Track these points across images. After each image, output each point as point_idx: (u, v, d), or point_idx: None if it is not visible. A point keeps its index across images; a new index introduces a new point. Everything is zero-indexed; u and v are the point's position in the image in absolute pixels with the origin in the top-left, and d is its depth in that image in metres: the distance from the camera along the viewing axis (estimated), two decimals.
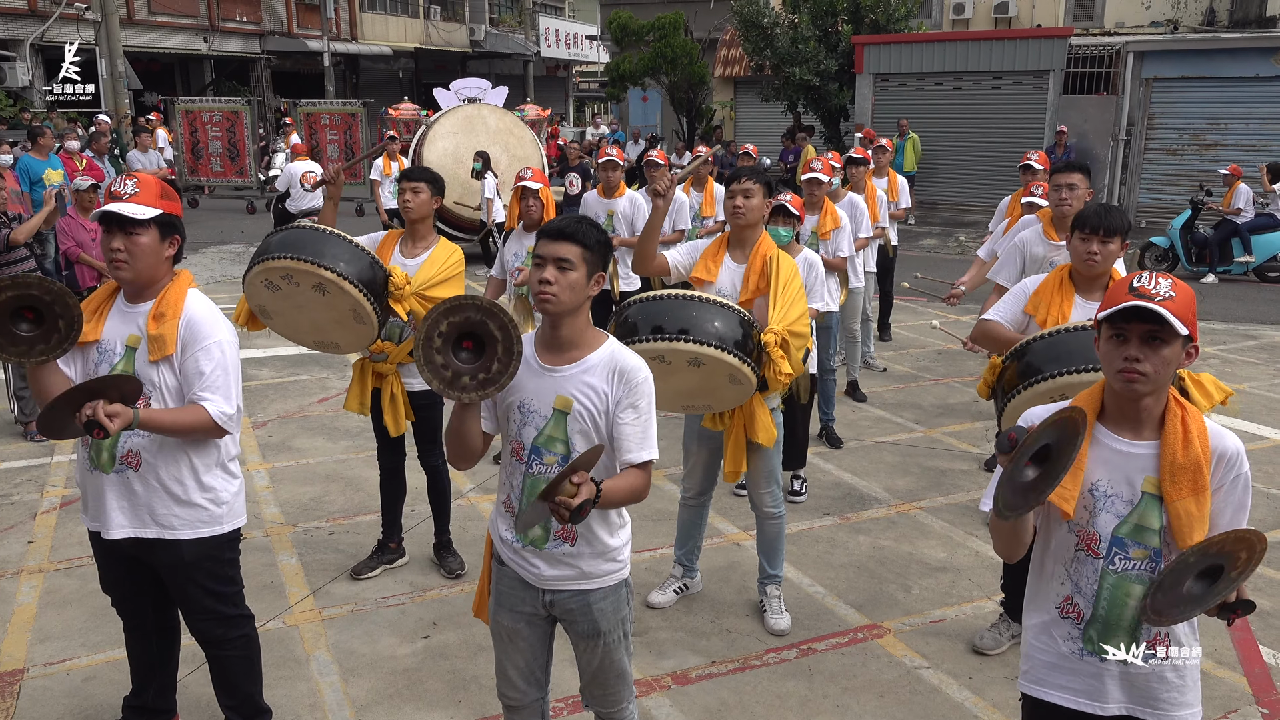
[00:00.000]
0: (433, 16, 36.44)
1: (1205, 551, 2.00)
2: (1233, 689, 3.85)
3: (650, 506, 5.52)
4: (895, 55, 18.87)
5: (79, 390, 2.69)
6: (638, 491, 2.58)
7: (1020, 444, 2.05)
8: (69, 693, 3.78)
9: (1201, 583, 2.03)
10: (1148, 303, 2.08)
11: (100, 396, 2.68)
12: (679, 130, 23.97)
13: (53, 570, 4.76)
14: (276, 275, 3.87)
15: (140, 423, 2.76)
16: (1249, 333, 10.14)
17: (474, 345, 2.44)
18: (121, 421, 2.68)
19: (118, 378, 2.78)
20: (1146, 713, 2.28)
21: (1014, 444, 2.05)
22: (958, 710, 3.73)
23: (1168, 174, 17.01)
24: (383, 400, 4.45)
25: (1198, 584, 2.03)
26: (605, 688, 2.81)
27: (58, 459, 6.21)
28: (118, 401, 2.71)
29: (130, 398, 2.76)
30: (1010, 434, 2.06)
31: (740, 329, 3.62)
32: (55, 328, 2.78)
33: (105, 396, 2.69)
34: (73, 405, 2.68)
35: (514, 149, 13.25)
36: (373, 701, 3.74)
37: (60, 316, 2.78)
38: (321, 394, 7.67)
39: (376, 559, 4.77)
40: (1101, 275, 3.76)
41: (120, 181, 2.89)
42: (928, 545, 5.15)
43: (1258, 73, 16.05)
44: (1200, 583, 2.03)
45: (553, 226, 2.57)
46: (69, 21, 22.47)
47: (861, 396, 7.59)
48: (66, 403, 2.69)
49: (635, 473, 2.58)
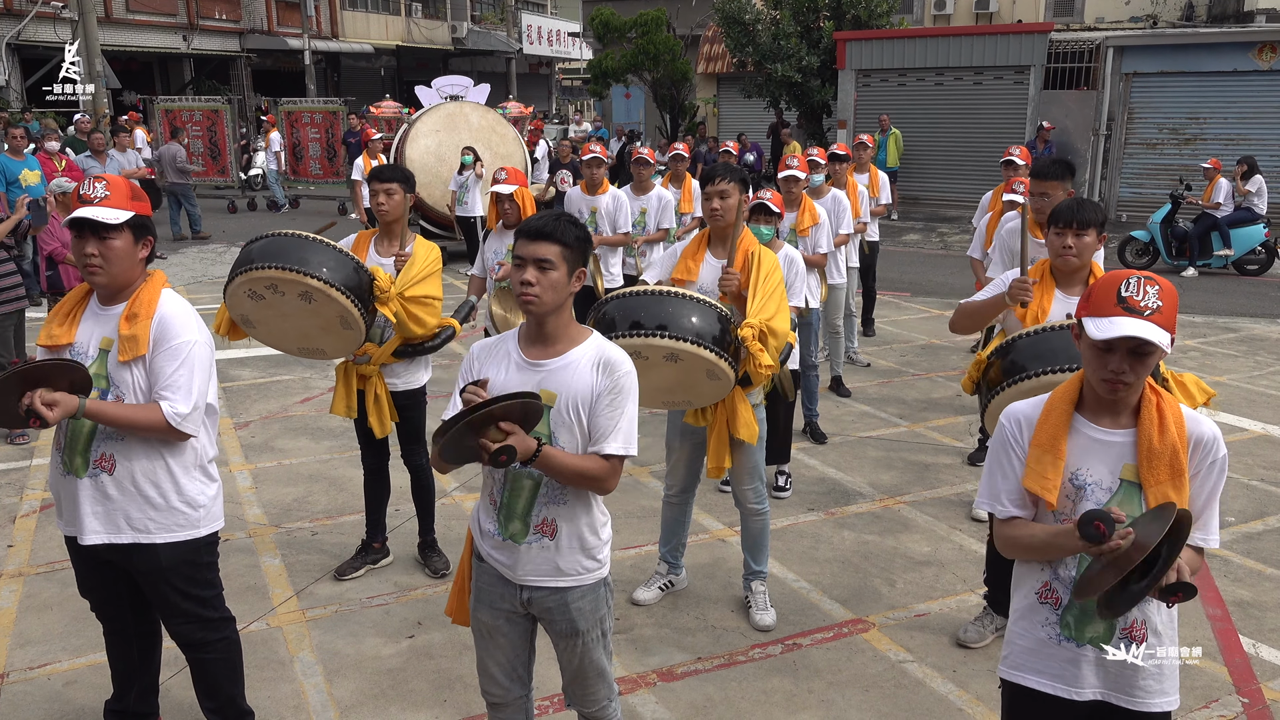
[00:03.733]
0: (414, 14, 36.29)
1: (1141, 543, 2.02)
2: (1213, 679, 3.88)
3: (634, 504, 5.52)
4: (877, 51, 18.92)
5: (25, 374, 2.63)
6: (591, 476, 2.54)
7: (1112, 535, 2.01)
8: (50, 697, 3.74)
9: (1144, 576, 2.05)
10: (1138, 322, 2.10)
11: (46, 384, 2.63)
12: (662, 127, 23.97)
13: (32, 574, 4.72)
14: (261, 285, 3.84)
15: (86, 412, 2.71)
16: (1228, 325, 10.22)
17: None
18: (61, 411, 2.63)
19: (67, 364, 2.72)
20: (1122, 699, 2.30)
21: (1103, 534, 2.02)
22: (942, 703, 3.74)
23: (1148, 168, 17.12)
24: (367, 402, 4.43)
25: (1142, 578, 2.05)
26: (585, 687, 2.81)
27: (37, 462, 6.16)
28: (64, 390, 2.65)
29: (80, 386, 2.72)
30: (1098, 522, 2.02)
31: (718, 324, 3.62)
32: None
33: (52, 384, 2.64)
34: (17, 392, 2.62)
35: (496, 146, 13.22)
36: (357, 702, 3.73)
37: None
38: (304, 394, 7.63)
39: (360, 559, 4.75)
40: (1081, 269, 3.77)
41: (89, 185, 2.85)
42: (912, 540, 5.16)
43: (1236, 67, 16.16)
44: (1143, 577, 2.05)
45: (531, 226, 2.55)
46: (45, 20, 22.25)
47: (845, 391, 7.61)
48: (14, 385, 2.62)
49: (595, 459, 2.55)
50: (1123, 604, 2.09)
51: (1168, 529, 1.98)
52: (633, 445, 2.59)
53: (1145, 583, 2.03)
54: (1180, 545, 2.01)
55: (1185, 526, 2.02)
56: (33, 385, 2.62)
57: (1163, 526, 1.98)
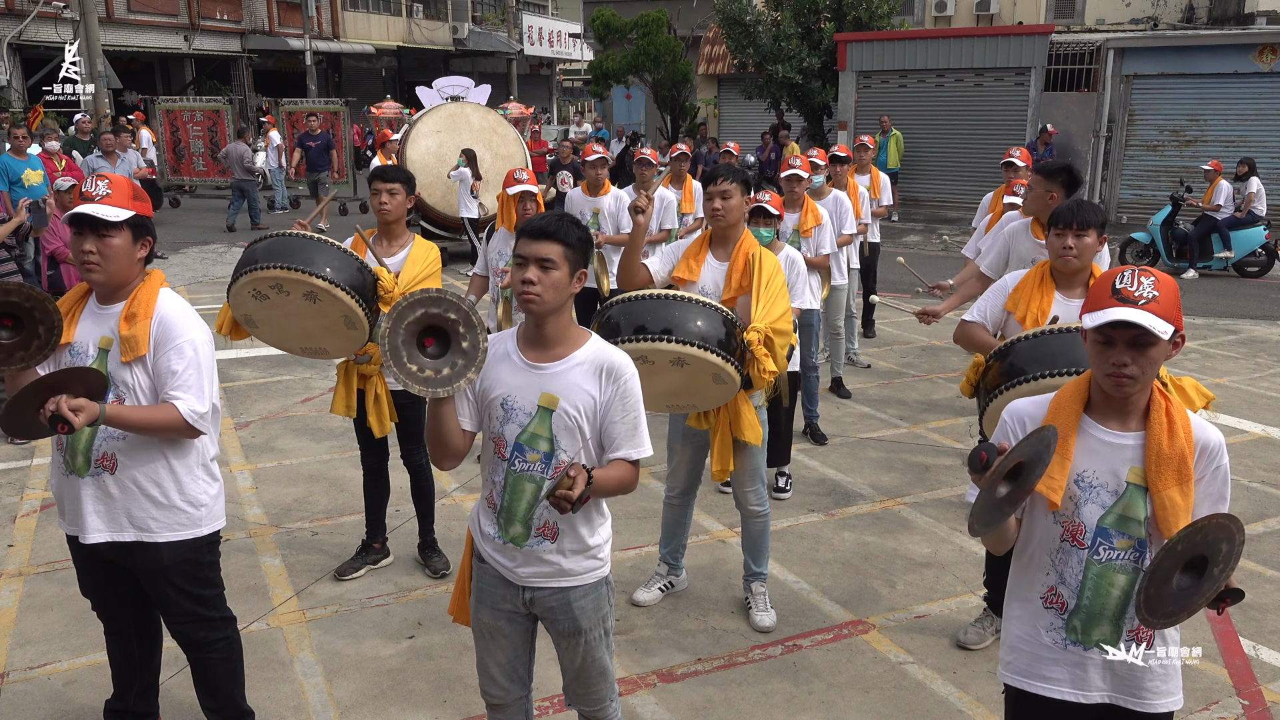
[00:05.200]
0: (415, 14, 36.30)
1: (1190, 538, 2.00)
2: (1214, 681, 3.88)
3: (635, 505, 5.52)
4: (878, 53, 18.93)
5: (41, 385, 2.63)
6: (626, 484, 2.62)
7: (993, 463, 2.06)
8: (50, 697, 3.75)
9: (1189, 576, 2.02)
10: (1131, 310, 2.08)
11: (63, 391, 2.63)
12: (663, 128, 23.97)
13: (33, 574, 4.72)
14: (265, 285, 3.83)
15: (107, 418, 2.71)
16: (1229, 327, 10.22)
17: (436, 340, 2.43)
18: (86, 416, 2.62)
19: (81, 370, 2.73)
20: (1130, 701, 2.30)
21: (985, 463, 2.07)
22: (942, 705, 3.74)
23: (1148, 170, 17.12)
24: (367, 401, 4.43)
25: (1185, 577, 2.02)
26: (587, 686, 2.81)
27: (38, 461, 6.16)
28: (82, 396, 2.66)
29: (96, 392, 2.72)
30: (982, 453, 2.08)
31: (723, 328, 3.61)
32: (35, 334, 2.74)
33: (69, 390, 2.64)
34: (36, 401, 2.62)
35: (497, 147, 13.22)
36: (357, 703, 3.73)
37: (40, 322, 2.74)
38: (305, 394, 7.63)
39: (361, 559, 4.75)
40: (1081, 271, 3.77)
41: (91, 183, 2.85)
42: (912, 541, 5.16)
43: (1236, 69, 16.17)
44: (1187, 576, 2.02)
45: (534, 225, 2.55)
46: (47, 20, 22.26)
47: (846, 393, 7.61)
48: (30, 398, 2.62)
49: (624, 465, 2.61)
50: (1171, 608, 2.02)
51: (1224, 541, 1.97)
52: (647, 445, 2.65)
53: (1199, 588, 1.98)
54: (1238, 553, 1.96)
55: (1240, 534, 1.97)
56: (54, 393, 2.62)
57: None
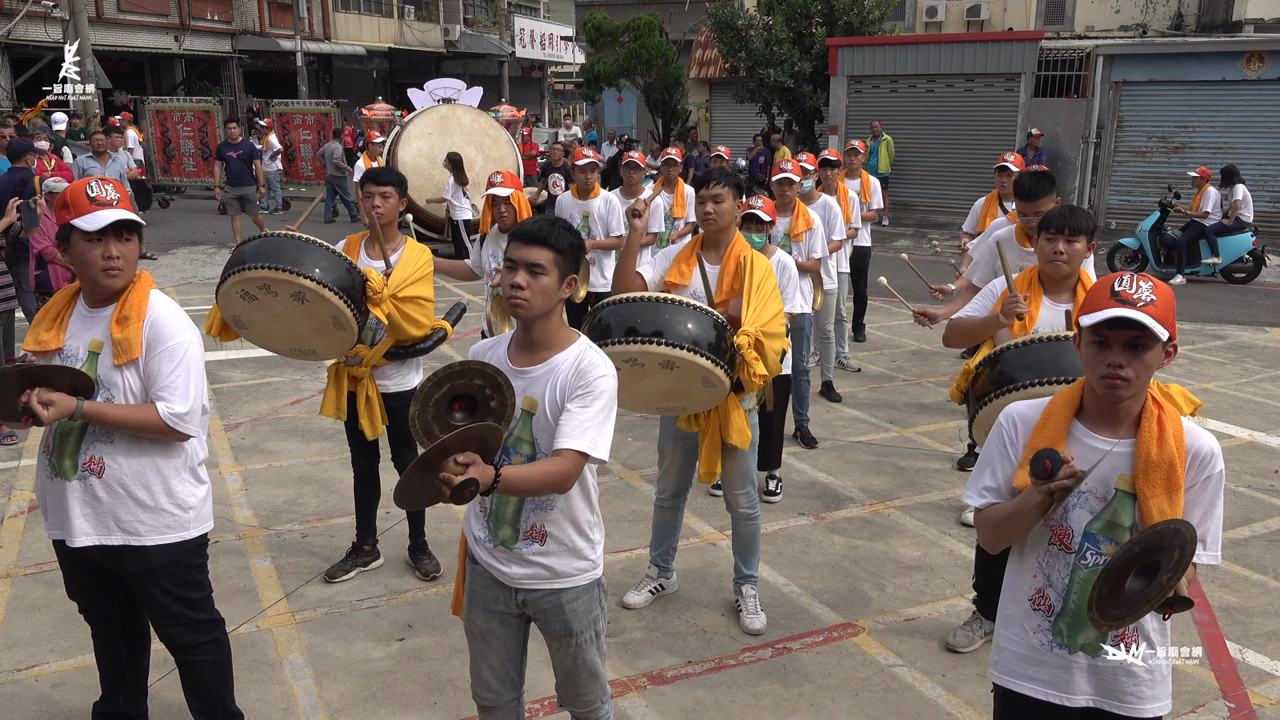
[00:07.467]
0: (407, 16, 36.27)
1: (1147, 540, 2.02)
2: (1200, 684, 3.90)
3: (625, 507, 5.52)
4: (869, 58, 19.00)
5: (28, 373, 2.64)
6: (552, 478, 2.43)
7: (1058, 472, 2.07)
8: (38, 699, 3.73)
9: (1141, 579, 2.05)
10: (1131, 310, 2.09)
11: (49, 384, 2.65)
12: (654, 131, 24.00)
13: (20, 575, 4.70)
14: (253, 285, 3.82)
15: (85, 413, 2.73)
16: (1216, 333, 10.28)
17: (465, 405, 2.50)
18: (57, 412, 2.65)
19: (72, 370, 2.74)
20: (1113, 705, 2.32)
21: (1050, 471, 2.07)
22: (931, 708, 3.76)
23: (1137, 176, 17.24)
24: (358, 404, 4.43)
25: (1138, 580, 2.05)
26: (579, 687, 2.81)
27: (25, 462, 6.13)
28: (65, 392, 2.67)
29: (82, 390, 2.74)
30: (1045, 460, 2.07)
31: (714, 331, 3.62)
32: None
33: (54, 385, 2.66)
34: (20, 387, 2.64)
35: (489, 150, 13.22)
36: (347, 705, 3.72)
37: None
38: (295, 396, 7.61)
39: (351, 561, 4.74)
40: (1069, 276, 3.80)
41: (99, 188, 2.83)
42: (902, 544, 5.18)
43: (1225, 76, 16.30)
44: (1140, 579, 2.05)
45: (524, 230, 2.55)
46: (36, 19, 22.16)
47: (836, 396, 7.63)
48: (15, 382, 2.64)
49: (558, 459, 2.45)
50: (1118, 612, 2.07)
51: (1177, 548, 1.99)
52: (598, 448, 2.49)
53: (1146, 593, 2.02)
54: (1186, 561, 2.00)
55: (1191, 541, 2.00)
56: (33, 385, 2.64)
57: (1173, 541, 2.00)
